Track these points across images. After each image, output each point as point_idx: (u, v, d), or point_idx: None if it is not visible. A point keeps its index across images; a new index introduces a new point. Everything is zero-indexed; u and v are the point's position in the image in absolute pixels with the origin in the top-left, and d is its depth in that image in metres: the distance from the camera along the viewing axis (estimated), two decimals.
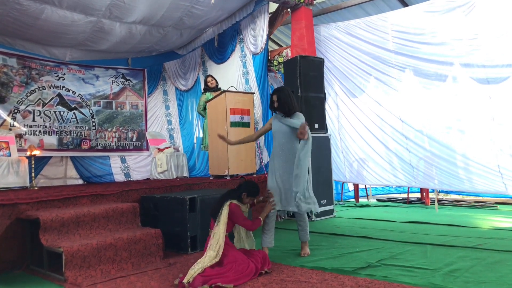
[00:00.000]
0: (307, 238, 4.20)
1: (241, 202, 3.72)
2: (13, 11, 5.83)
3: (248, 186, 3.76)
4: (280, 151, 4.09)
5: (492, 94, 5.88)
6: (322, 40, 7.59)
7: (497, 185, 5.89)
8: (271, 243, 4.06)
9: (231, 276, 3.29)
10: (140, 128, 8.41)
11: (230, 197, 3.68)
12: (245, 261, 3.46)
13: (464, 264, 3.55)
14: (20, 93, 6.91)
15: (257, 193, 3.81)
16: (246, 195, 3.71)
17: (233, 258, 3.47)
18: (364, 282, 3.16)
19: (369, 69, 7.12)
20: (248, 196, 3.73)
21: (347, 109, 7.52)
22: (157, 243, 4.20)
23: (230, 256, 3.48)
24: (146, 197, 5.07)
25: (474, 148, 6.08)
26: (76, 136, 7.53)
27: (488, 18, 5.82)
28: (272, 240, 4.07)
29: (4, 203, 4.05)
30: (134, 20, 6.66)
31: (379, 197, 8.86)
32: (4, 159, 5.97)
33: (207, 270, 3.34)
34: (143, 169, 8.17)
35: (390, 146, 6.99)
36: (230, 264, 3.41)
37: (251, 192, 3.74)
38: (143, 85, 8.54)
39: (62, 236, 3.96)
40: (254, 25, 7.39)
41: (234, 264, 3.40)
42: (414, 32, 6.53)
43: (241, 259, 3.46)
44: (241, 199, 3.72)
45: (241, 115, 6.39)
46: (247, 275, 3.36)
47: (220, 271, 3.34)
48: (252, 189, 3.75)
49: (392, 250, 4.17)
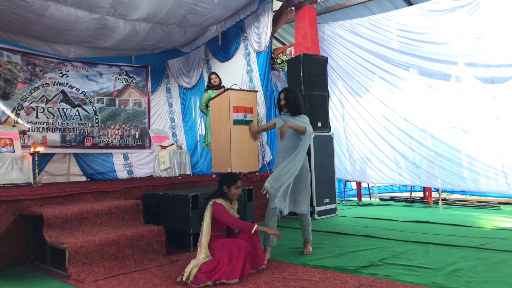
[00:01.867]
0: (310, 238, 4.21)
1: (227, 198, 3.68)
2: (18, 8, 5.85)
3: (223, 178, 3.72)
4: (284, 152, 4.10)
5: (496, 94, 5.86)
6: (326, 38, 7.58)
7: (500, 184, 5.87)
8: (273, 242, 4.07)
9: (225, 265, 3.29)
10: (143, 125, 8.42)
11: (214, 197, 3.65)
12: (233, 242, 3.46)
13: (467, 264, 3.54)
14: (24, 89, 6.93)
15: (235, 178, 3.68)
16: (227, 188, 3.65)
17: (222, 244, 3.47)
18: (366, 281, 3.16)
19: (373, 68, 7.11)
20: (228, 187, 3.65)
21: (352, 108, 7.51)
22: (160, 240, 4.22)
23: (218, 244, 3.48)
24: (149, 194, 5.09)
25: (478, 147, 6.07)
26: (79, 133, 7.55)
27: (493, 17, 5.80)
28: (274, 239, 4.07)
29: (8, 199, 4.07)
30: (138, 18, 6.66)
31: (381, 196, 8.85)
32: (8, 156, 6.00)
33: (202, 266, 3.35)
34: (146, 166, 8.19)
35: (394, 145, 6.98)
36: (219, 250, 3.40)
37: (229, 181, 3.66)
38: (146, 83, 8.55)
39: (66, 232, 3.97)
40: (258, 23, 7.38)
41: (224, 249, 3.39)
42: (419, 31, 6.52)
43: (229, 243, 3.45)
44: (225, 195, 3.67)
45: (244, 113, 6.38)
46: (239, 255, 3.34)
47: (214, 262, 3.34)
48: (228, 179, 3.68)
49: (394, 249, 4.16)
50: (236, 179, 3.69)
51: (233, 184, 3.66)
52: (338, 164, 7.57)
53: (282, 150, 4.11)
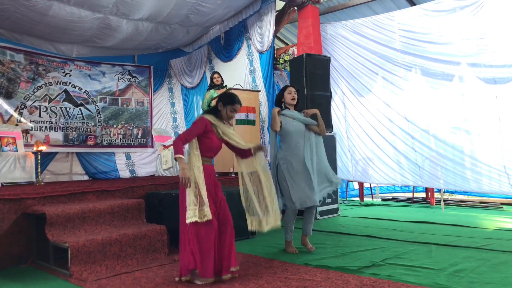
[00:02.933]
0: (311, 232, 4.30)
1: (220, 117, 3.47)
2: (21, 7, 5.86)
3: (222, 95, 3.54)
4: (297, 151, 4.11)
5: (499, 94, 5.85)
6: (329, 38, 7.58)
7: (503, 185, 5.86)
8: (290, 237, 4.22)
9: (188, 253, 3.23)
10: (146, 125, 8.43)
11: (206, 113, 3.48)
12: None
13: (469, 264, 3.54)
14: (27, 88, 6.95)
15: (233, 100, 3.45)
16: (222, 106, 3.44)
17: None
18: (368, 281, 3.15)
19: (376, 68, 7.11)
20: (224, 105, 3.43)
21: (354, 108, 7.51)
22: (162, 239, 4.22)
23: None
24: (151, 193, 5.09)
25: (480, 148, 6.06)
26: (81, 132, 7.57)
27: (496, 18, 5.79)
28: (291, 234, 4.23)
29: (10, 198, 4.08)
30: (141, 17, 6.67)
31: (384, 196, 8.84)
32: (11, 154, 6.01)
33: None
34: (148, 165, 8.21)
35: (396, 145, 6.98)
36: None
37: (225, 100, 3.45)
38: (149, 82, 8.55)
39: (68, 231, 3.98)
40: (261, 23, 7.38)
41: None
42: (421, 31, 6.51)
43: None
44: (219, 112, 3.46)
45: (247, 112, 6.39)
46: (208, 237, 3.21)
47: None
48: (226, 97, 3.47)
49: (396, 249, 4.16)
50: (234, 101, 3.45)
51: (229, 105, 3.43)
52: (340, 164, 7.56)
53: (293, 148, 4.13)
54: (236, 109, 3.48)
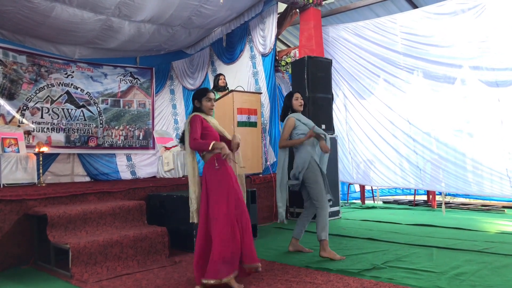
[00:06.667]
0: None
1: (202, 111, 3.53)
2: (24, 9, 5.88)
3: (194, 94, 3.59)
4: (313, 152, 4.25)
5: (501, 97, 5.84)
6: (331, 41, 7.58)
7: (505, 188, 5.84)
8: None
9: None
10: (147, 126, 8.44)
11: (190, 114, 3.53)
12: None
13: (470, 267, 3.53)
14: (29, 90, 6.97)
15: (204, 91, 3.54)
16: (198, 102, 3.51)
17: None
18: (369, 284, 3.15)
19: (378, 71, 7.10)
20: (200, 100, 3.50)
21: (355, 110, 7.50)
22: (163, 241, 4.22)
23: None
24: (152, 195, 5.10)
25: (482, 151, 6.04)
26: (83, 133, 7.58)
27: (499, 20, 5.78)
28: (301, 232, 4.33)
29: (12, 199, 4.09)
30: (143, 19, 6.69)
31: (385, 199, 8.83)
32: (13, 155, 6.02)
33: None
34: (148, 167, 8.21)
35: (398, 148, 6.97)
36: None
37: (199, 95, 3.52)
38: (150, 84, 8.57)
39: (69, 232, 3.99)
40: (263, 25, 7.38)
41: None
42: (423, 34, 6.51)
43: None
44: (200, 109, 3.52)
45: (248, 114, 6.39)
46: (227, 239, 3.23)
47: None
48: (198, 93, 3.55)
49: (397, 252, 4.15)
50: (204, 91, 3.55)
51: (204, 97, 3.51)
52: (341, 167, 7.55)
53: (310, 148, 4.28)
54: (211, 97, 3.53)
